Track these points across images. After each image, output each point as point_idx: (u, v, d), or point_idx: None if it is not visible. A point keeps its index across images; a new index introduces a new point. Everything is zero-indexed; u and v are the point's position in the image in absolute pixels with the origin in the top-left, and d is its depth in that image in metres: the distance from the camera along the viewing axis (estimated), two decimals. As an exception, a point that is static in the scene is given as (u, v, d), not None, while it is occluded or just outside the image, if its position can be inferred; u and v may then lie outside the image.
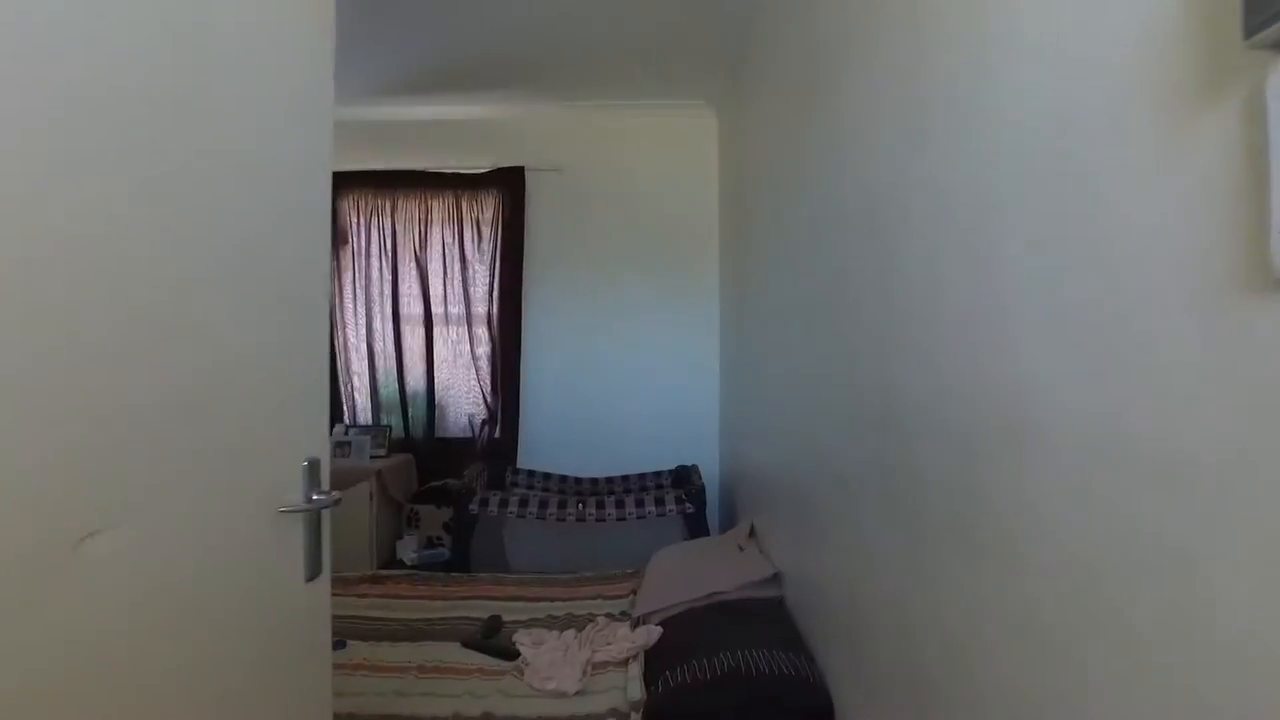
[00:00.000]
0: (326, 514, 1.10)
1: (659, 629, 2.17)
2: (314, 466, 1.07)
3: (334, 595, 2.74)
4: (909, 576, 1.24)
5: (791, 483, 2.18)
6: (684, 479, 3.85)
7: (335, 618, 2.56)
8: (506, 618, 2.55)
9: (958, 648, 1.05)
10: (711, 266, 4.10)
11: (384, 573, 3.01)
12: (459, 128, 4.16)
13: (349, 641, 2.29)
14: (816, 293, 1.89)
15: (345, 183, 4.07)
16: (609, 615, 2.53)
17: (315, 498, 1.05)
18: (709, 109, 4.12)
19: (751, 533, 2.82)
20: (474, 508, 3.31)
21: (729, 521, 3.65)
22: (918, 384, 1.20)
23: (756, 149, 2.91)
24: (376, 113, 4.10)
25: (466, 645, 2.30)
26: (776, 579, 2.28)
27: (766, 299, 2.64)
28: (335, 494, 1.09)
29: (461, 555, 3.33)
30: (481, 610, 2.62)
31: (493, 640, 2.33)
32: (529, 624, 2.49)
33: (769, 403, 2.57)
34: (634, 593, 2.70)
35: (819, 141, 1.88)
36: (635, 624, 2.31)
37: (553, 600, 2.72)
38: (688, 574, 2.44)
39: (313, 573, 1.06)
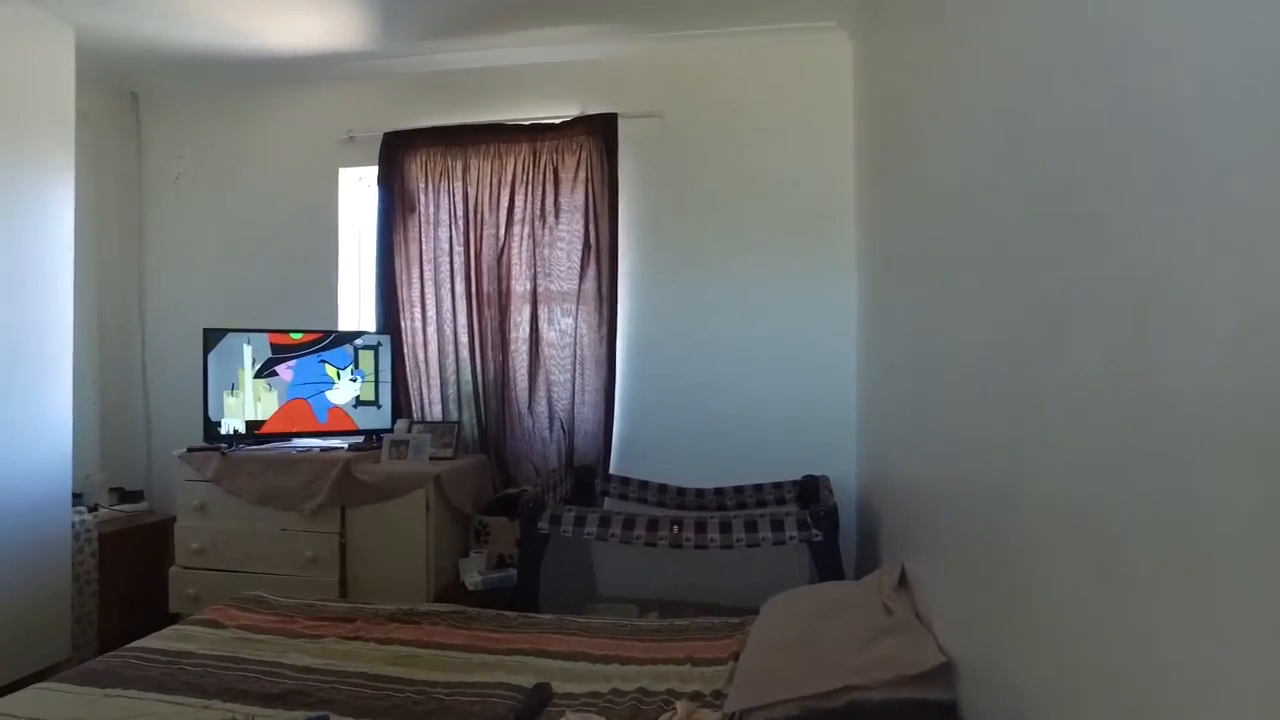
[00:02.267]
0: None
1: (761, 743, 1.42)
2: None
3: (353, 638, 2.16)
4: None
5: (975, 512, 1.37)
6: (811, 494, 3.06)
7: (336, 674, 1.95)
8: (560, 687, 1.88)
9: None
10: (846, 225, 3.26)
11: (422, 608, 2.40)
12: (539, 72, 3.53)
13: (334, 717, 1.68)
14: (1046, 220, 1.08)
15: (410, 142, 3.54)
16: (696, 695, 1.80)
17: None
18: (842, 31, 3.28)
19: (902, 580, 2.01)
20: (544, 525, 2.66)
21: (868, 554, 2.83)
22: None
23: (912, 70, 2.09)
24: (441, 60, 3.56)
25: (491, 735, 1.64)
26: (946, 673, 1.47)
27: (931, 253, 1.83)
28: None
29: (529, 585, 2.69)
30: (530, 672, 1.96)
31: (528, 729, 1.66)
32: (586, 701, 1.80)
33: (933, 390, 1.75)
34: (735, 656, 1.96)
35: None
36: (728, 724, 1.57)
37: (625, 662, 2.02)
38: (810, 649, 1.67)
39: None
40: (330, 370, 3.31)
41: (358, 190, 3.79)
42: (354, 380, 3.35)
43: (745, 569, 3.01)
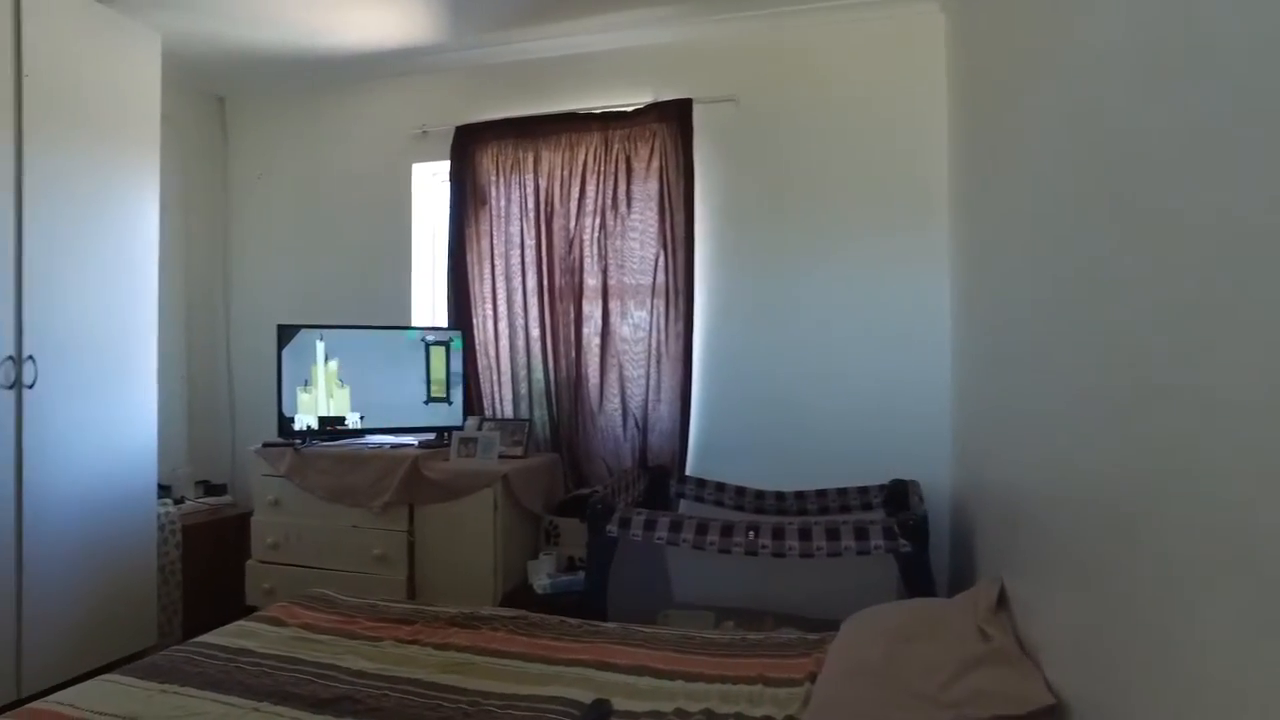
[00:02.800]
0: None
1: (835, 785, 1.26)
2: None
3: (410, 642, 2.08)
4: None
5: (1101, 522, 1.16)
6: (899, 499, 2.84)
7: (388, 680, 1.84)
8: (620, 704, 1.75)
9: None
10: (938, 211, 3.01)
11: (483, 612, 2.32)
12: (610, 59, 3.42)
13: (381, 730, 1.60)
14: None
15: (481, 135, 3.50)
16: (766, 721, 1.64)
17: None
18: (933, 3, 3.04)
19: (1001, 600, 1.79)
20: (613, 529, 2.55)
21: (962, 568, 2.60)
22: None
23: (1017, 40, 1.87)
24: (511, 51, 3.52)
25: (541, 755, 1.53)
26: (1054, 715, 1.27)
27: (1044, 234, 1.61)
28: None
29: (596, 590, 2.58)
30: (589, 686, 1.84)
31: (581, 751, 1.54)
32: (646, 720, 1.67)
33: (1046, 383, 1.53)
34: (812, 678, 1.79)
35: None
36: (799, 759, 1.41)
37: (692, 679, 1.87)
38: (894, 677, 1.49)
39: None
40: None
41: (431, 185, 3.78)
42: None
43: (828, 579, 2.82)
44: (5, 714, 1.70)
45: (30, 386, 2.58)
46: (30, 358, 2.58)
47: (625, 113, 3.33)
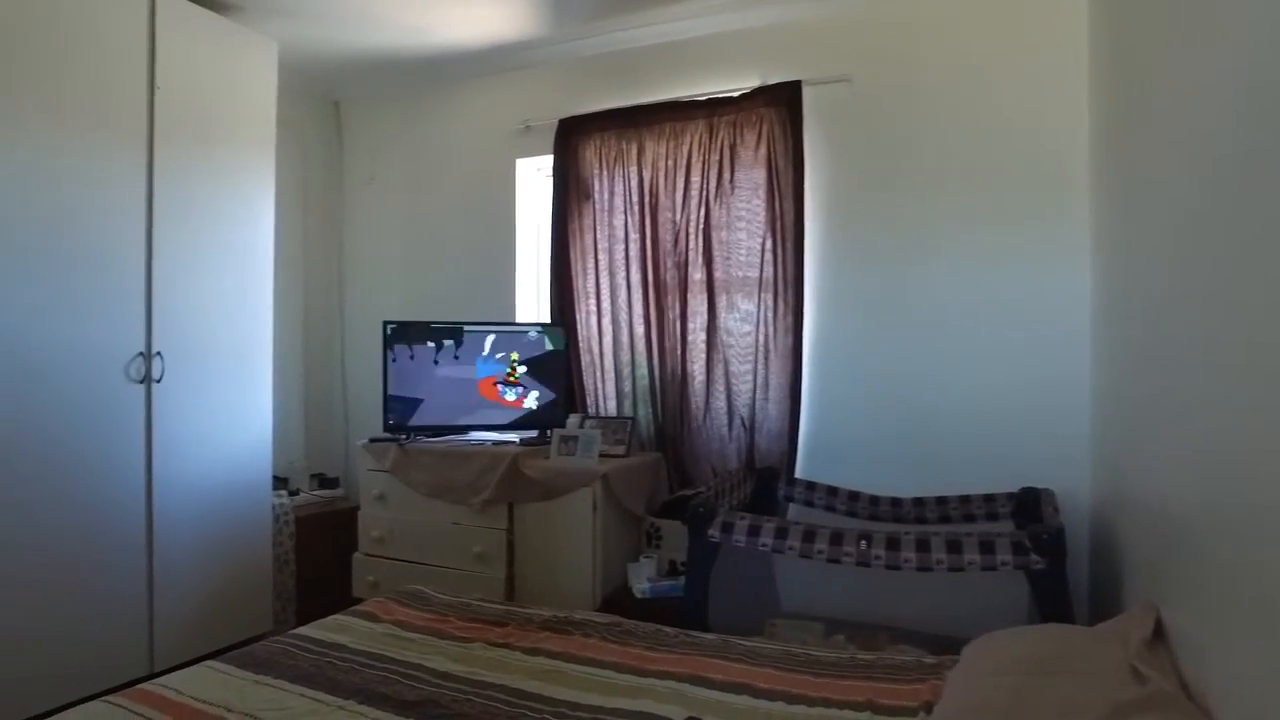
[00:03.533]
0: None
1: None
2: None
3: (500, 644, 2.02)
4: None
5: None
6: (1030, 509, 2.56)
7: (474, 684, 1.75)
8: (713, 723, 1.62)
9: None
10: (1078, 195, 2.70)
11: (577, 617, 2.24)
12: (715, 43, 3.29)
13: (460, 738, 1.53)
14: None
15: (584, 127, 3.44)
16: (876, 757, 1.47)
17: None
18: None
19: (1158, 631, 1.54)
20: (714, 534, 2.42)
21: (1106, 592, 2.30)
22: None
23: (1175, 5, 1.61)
24: (613, 40, 3.44)
25: (625, 778, 1.42)
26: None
27: (1216, 212, 1.37)
28: None
29: (696, 598, 2.45)
30: (680, 702, 1.71)
31: (668, 776, 1.42)
32: (741, 745, 1.53)
33: (1211, 376, 1.29)
34: (927, 708, 1.60)
35: None
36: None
37: (794, 700, 1.71)
38: (1024, 717, 1.28)
39: None
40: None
41: (534, 180, 3.76)
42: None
43: (949, 594, 2.57)
44: (120, 692, 1.75)
45: (159, 381, 2.71)
46: (158, 353, 2.71)
47: (731, 98, 3.18)
